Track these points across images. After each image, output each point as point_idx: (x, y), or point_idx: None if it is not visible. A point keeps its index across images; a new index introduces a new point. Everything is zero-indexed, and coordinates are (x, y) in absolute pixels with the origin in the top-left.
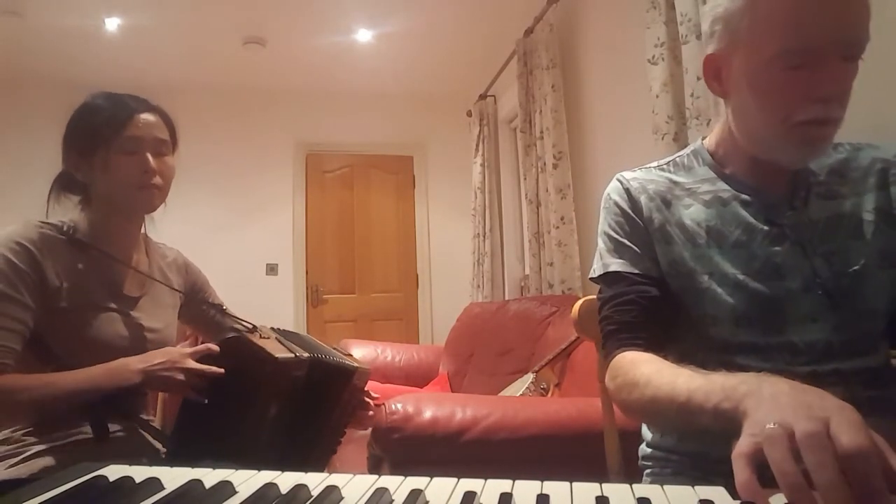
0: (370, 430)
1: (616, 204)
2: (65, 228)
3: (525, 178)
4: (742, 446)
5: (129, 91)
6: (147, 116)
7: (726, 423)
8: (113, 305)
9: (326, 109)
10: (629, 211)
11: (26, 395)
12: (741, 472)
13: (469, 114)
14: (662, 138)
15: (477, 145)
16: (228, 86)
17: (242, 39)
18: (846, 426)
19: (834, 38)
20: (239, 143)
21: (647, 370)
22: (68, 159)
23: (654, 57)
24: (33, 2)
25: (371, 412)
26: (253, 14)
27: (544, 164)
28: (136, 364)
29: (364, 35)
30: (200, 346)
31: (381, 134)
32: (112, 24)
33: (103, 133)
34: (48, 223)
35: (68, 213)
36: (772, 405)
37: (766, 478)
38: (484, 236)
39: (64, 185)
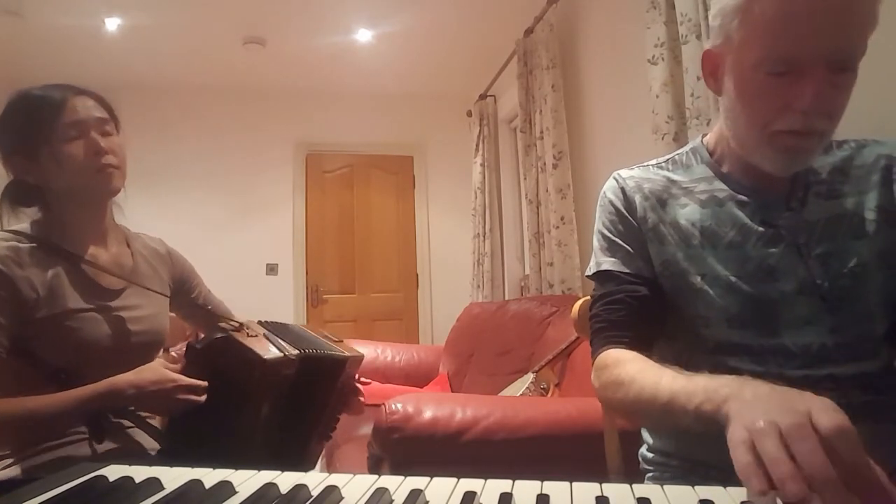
0: (370, 430)
1: (611, 203)
2: (33, 233)
3: (525, 178)
4: (737, 433)
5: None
6: (81, 99)
7: (707, 425)
8: (93, 304)
9: (326, 109)
10: (623, 210)
11: (8, 422)
12: (742, 456)
13: (469, 114)
14: (662, 138)
15: (477, 145)
16: (228, 86)
17: (242, 39)
18: (824, 412)
19: (818, 50)
20: (239, 143)
21: (632, 369)
22: (13, 165)
23: (654, 57)
24: (33, 2)
25: (362, 397)
26: (253, 14)
27: (544, 164)
28: (127, 390)
29: (364, 35)
30: (191, 381)
31: (381, 134)
32: (112, 24)
33: (42, 125)
34: (15, 232)
35: (29, 218)
36: (754, 406)
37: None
38: (484, 236)
39: (13, 197)
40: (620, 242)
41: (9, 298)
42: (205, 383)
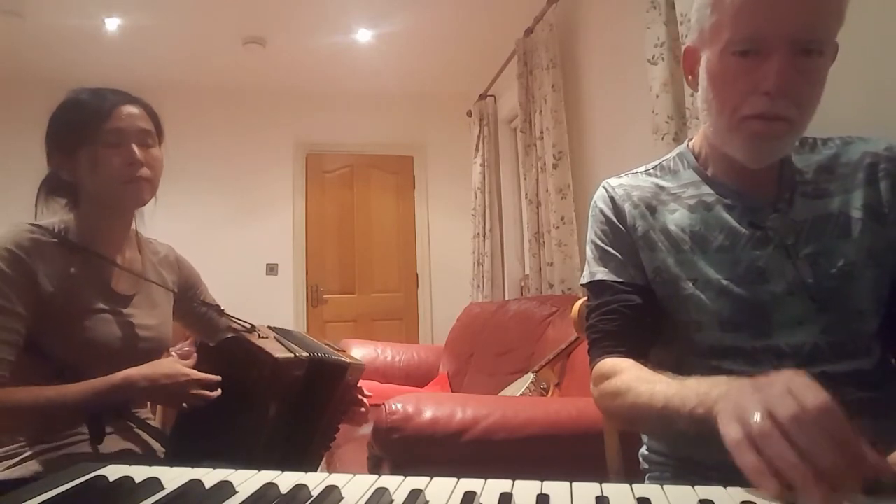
0: (370, 430)
1: (601, 212)
2: (56, 230)
3: (525, 178)
4: (732, 433)
5: (128, 91)
6: (129, 108)
7: (701, 426)
8: (105, 306)
9: (326, 109)
10: (613, 219)
11: (26, 410)
12: (746, 456)
13: (469, 114)
14: (662, 138)
15: (477, 145)
16: (228, 86)
17: (242, 39)
18: (807, 390)
19: (780, 28)
20: (239, 143)
21: (627, 378)
22: (52, 158)
23: (654, 57)
24: (33, 2)
25: (364, 409)
26: (253, 14)
27: (544, 164)
28: (140, 382)
29: (364, 35)
30: (203, 376)
31: (381, 134)
32: (112, 24)
33: (86, 127)
34: (39, 226)
35: (57, 214)
36: (738, 397)
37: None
38: (484, 236)
39: (51, 188)
40: (612, 251)
41: (27, 287)
42: (217, 378)
